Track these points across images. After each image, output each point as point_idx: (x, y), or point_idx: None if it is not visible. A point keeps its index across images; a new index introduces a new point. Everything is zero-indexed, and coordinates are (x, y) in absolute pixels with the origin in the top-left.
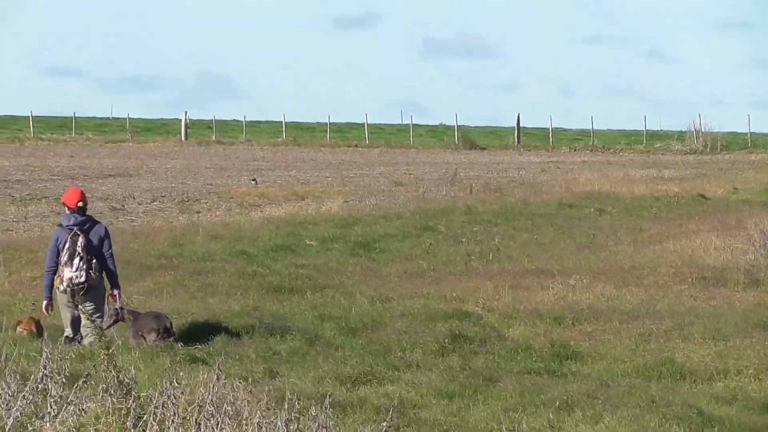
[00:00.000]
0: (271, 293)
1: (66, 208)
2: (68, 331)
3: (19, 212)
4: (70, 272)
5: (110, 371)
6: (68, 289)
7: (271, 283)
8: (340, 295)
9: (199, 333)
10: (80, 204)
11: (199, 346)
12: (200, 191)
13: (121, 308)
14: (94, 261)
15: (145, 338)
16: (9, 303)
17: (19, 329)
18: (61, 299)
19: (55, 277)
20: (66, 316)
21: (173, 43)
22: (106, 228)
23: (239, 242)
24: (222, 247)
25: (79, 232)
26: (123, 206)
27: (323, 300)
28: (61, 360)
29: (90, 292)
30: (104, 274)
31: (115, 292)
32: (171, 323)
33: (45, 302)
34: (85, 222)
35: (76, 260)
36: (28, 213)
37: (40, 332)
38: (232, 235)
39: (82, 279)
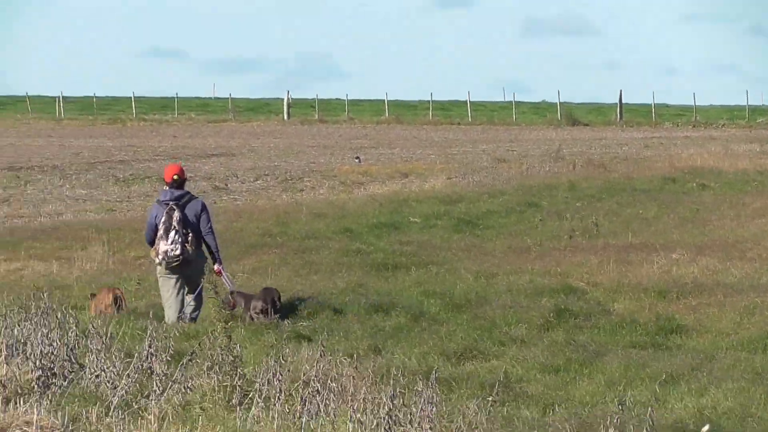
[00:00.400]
0: (376, 270)
1: (165, 184)
2: (168, 315)
3: (122, 192)
4: (166, 245)
5: (218, 348)
6: (164, 261)
7: (375, 260)
8: (444, 271)
9: (303, 310)
10: (175, 177)
11: (304, 324)
12: (303, 170)
13: (232, 293)
14: (190, 235)
15: (251, 310)
16: (114, 283)
17: (94, 308)
18: (160, 273)
19: (152, 250)
20: (165, 292)
21: (275, 23)
22: (203, 203)
23: (343, 220)
24: (326, 224)
25: (174, 207)
26: (226, 185)
27: (427, 276)
28: (165, 338)
29: (186, 265)
30: (205, 250)
31: (218, 267)
32: (279, 297)
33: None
34: (182, 197)
35: (172, 234)
36: (131, 193)
37: (119, 306)
38: (336, 213)
39: (177, 252)
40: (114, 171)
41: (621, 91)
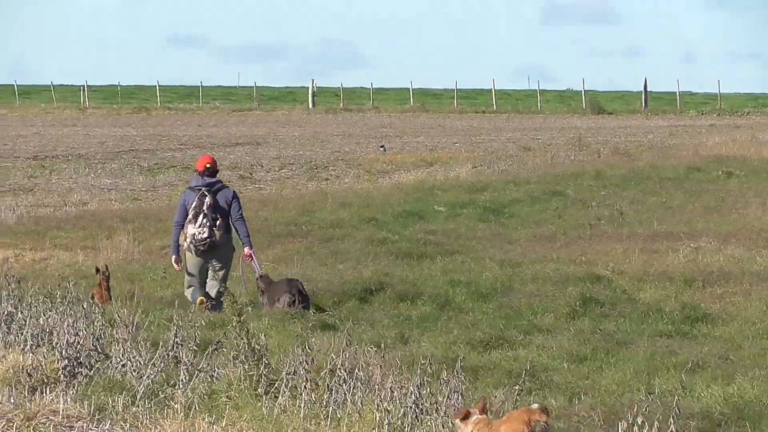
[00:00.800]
0: (401, 259)
1: (197, 173)
2: (189, 294)
3: (147, 181)
4: (194, 228)
5: (242, 338)
6: (191, 245)
7: (401, 249)
8: (470, 260)
9: (329, 299)
10: (208, 166)
11: (330, 313)
12: (328, 158)
13: (260, 276)
14: (218, 221)
15: (278, 303)
16: (139, 272)
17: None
18: (188, 259)
19: (181, 235)
20: (191, 277)
21: (298, 10)
22: (234, 192)
23: (368, 209)
24: (351, 214)
25: (206, 193)
26: (251, 174)
27: (453, 265)
28: (191, 328)
29: (214, 250)
30: (233, 236)
31: (248, 250)
32: (303, 287)
33: (173, 257)
34: (213, 184)
35: (200, 218)
36: (156, 182)
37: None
38: (361, 201)
39: (205, 235)
40: (139, 160)
41: (645, 78)
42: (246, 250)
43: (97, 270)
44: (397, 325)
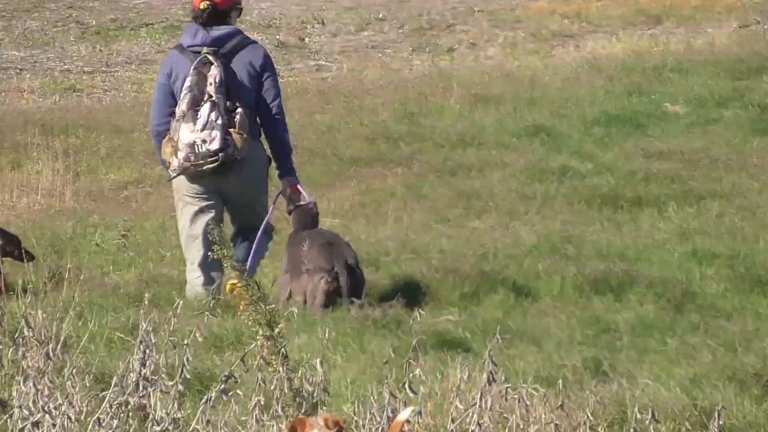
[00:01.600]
0: (596, 209)
1: (191, 22)
2: (195, 272)
3: (94, 55)
4: (192, 133)
5: (276, 369)
6: (186, 163)
7: (596, 190)
8: (733, 210)
9: (452, 288)
10: (206, 4)
11: (452, 317)
12: (452, 11)
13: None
14: (239, 113)
15: (307, 290)
16: (73, 233)
17: None
18: (178, 190)
19: (164, 144)
20: (187, 227)
21: None
22: (266, 53)
23: (532, 109)
24: (497, 119)
25: (211, 58)
26: (302, 40)
27: (700, 221)
28: (176, 347)
29: (230, 173)
30: (264, 143)
31: (293, 181)
32: (357, 259)
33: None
34: (225, 39)
35: (205, 109)
36: (111, 55)
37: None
38: (518, 95)
39: (216, 145)
40: (79, 13)
41: None
42: (287, 180)
43: None
44: (587, 341)
